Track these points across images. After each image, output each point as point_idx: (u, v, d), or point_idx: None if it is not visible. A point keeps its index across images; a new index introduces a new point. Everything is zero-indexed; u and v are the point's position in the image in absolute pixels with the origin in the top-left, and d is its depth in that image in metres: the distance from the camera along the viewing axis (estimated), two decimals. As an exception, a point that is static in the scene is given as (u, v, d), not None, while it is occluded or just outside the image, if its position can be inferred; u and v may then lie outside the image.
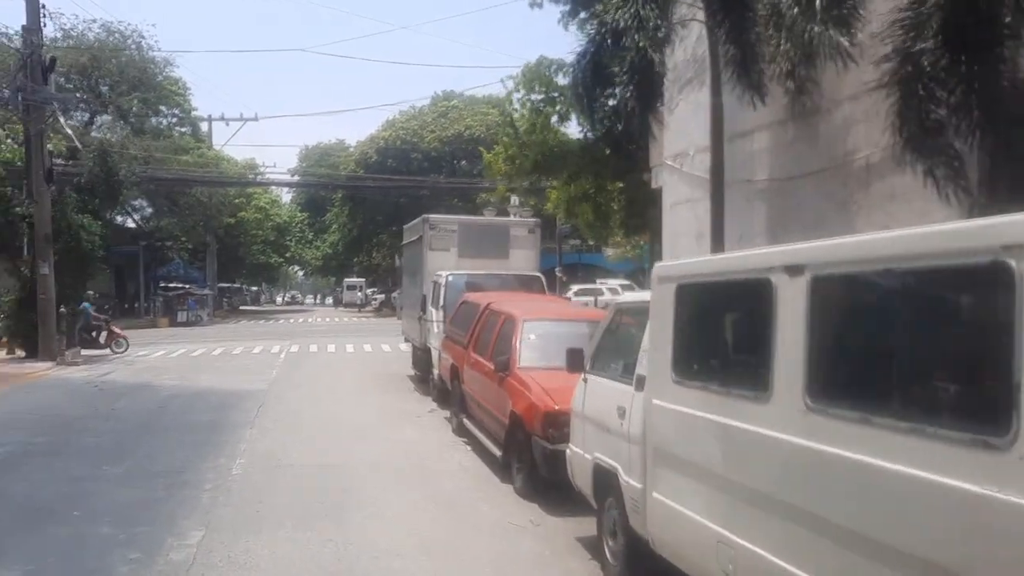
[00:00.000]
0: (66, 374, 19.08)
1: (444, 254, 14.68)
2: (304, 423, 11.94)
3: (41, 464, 9.31)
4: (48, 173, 21.20)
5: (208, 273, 53.42)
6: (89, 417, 12.56)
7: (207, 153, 49.24)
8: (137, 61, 44.89)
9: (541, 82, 22.45)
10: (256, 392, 15.18)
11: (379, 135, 55.33)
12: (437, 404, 13.46)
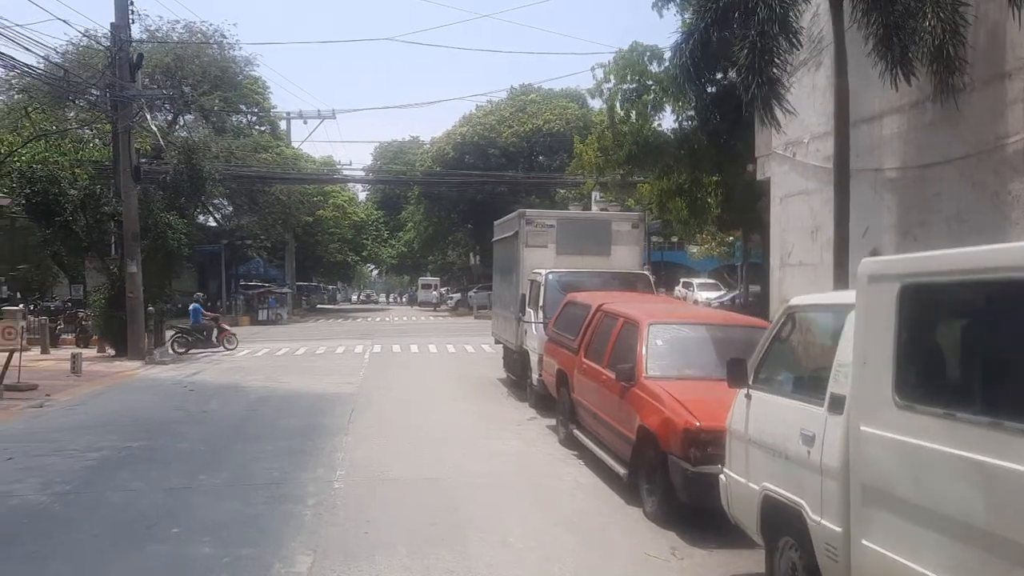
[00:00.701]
0: (155, 373, 18.99)
1: (541, 251, 13.89)
2: (400, 430, 11.31)
3: (137, 471, 8.87)
4: (135, 171, 21.23)
5: (287, 271, 53.94)
6: (182, 421, 12.20)
7: (285, 151, 49.64)
8: (218, 60, 45.47)
9: (634, 70, 21.46)
10: (346, 395, 14.69)
11: (456, 131, 54.96)
12: (536, 411, 12.70)
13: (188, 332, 23.87)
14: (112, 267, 22.06)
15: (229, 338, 24.55)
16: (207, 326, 24.33)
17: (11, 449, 9.92)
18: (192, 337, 23.74)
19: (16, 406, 13.38)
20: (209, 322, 24.55)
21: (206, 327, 24.25)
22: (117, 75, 20.73)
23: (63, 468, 8.97)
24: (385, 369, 19.39)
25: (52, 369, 18.74)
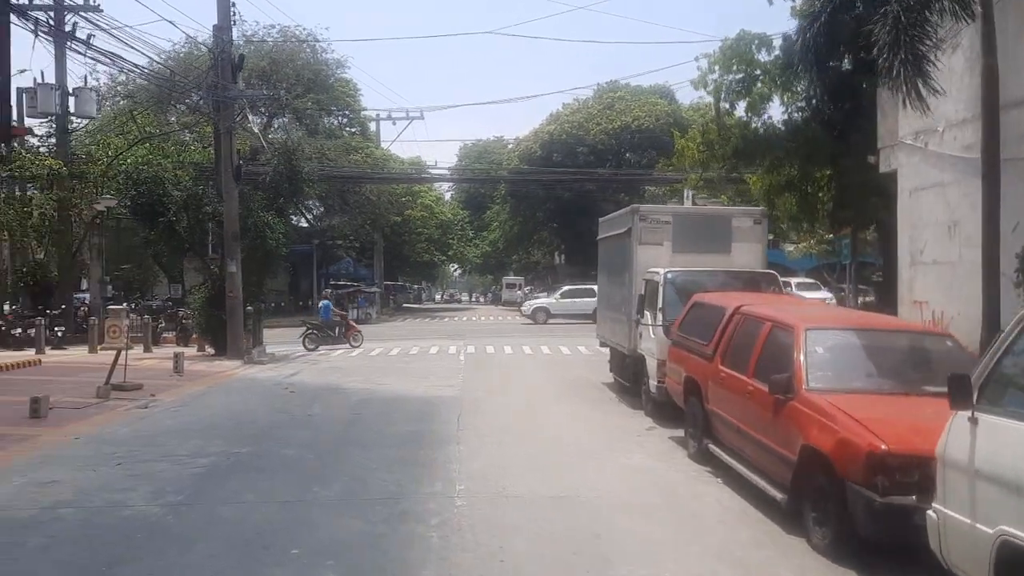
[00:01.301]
0: (253, 373, 18.91)
1: (656, 249, 13.01)
2: (512, 439, 10.64)
3: (247, 481, 8.44)
4: (236, 171, 21.26)
5: (375, 271, 54.27)
6: (286, 425, 11.84)
7: (375, 152, 49.91)
8: (312, 64, 46.03)
9: (741, 60, 20.33)
10: (449, 399, 14.15)
11: (543, 129, 54.35)
12: (654, 420, 11.86)
13: (319, 328, 24.94)
14: (212, 267, 22.20)
15: (355, 335, 25.28)
16: (336, 323, 25.43)
17: (120, 453, 9.66)
18: (322, 333, 24.69)
19: (123, 406, 13.29)
20: (338, 319, 25.58)
21: (335, 324, 25.34)
22: (219, 76, 20.79)
23: (172, 476, 8.62)
24: (483, 371, 18.83)
25: (155, 368, 18.85)
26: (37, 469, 8.89)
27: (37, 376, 16.81)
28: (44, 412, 11.88)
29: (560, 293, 42.60)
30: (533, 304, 42.41)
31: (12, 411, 12.30)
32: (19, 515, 7.17)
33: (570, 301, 39.88)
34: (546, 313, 39.53)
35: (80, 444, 10.33)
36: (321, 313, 26.05)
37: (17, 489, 8.05)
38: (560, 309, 39.46)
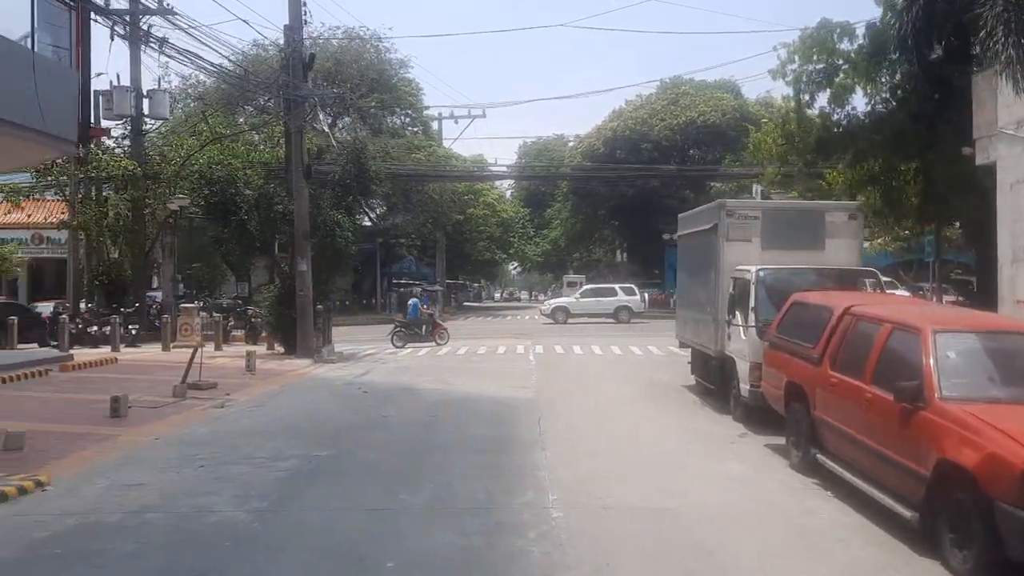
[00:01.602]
0: (324, 372, 18.84)
1: (744, 245, 12.40)
2: (599, 445, 10.21)
3: (330, 486, 8.18)
4: (307, 170, 21.27)
5: (437, 269, 54.32)
6: (363, 427, 11.60)
7: (438, 151, 49.92)
8: (375, 64, 46.26)
9: (822, 49, 19.47)
10: (526, 401, 13.79)
11: (606, 126, 53.68)
12: (745, 426, 11.28)
13: (406, 326, 25.40)
14: (283, 265, 22.25)
15: (441, 333, 25.51)
16: (424, 321, 25.71)
17: (201, 455, 9.52)
18: (410, 331, 25.07)
19: (200, 406, 13.24)
20: (426, 317, 25.87)
21: (423, 322, 25.64)
22: (290, 75, 20.81)
23: (255, 480, 8.41)
24: (555, 372, 18.41)
25: (227, 367, 18.86)
26: (121, 470, 8.79)
27: (114, 374, 16.96)
28: (123, 411, 11.87)
29: (580, 292, 42.08)
30: (553, 304, 42.10)
31: (92, 410, 12.33)
32: (107, 519, 7.02)
33: (590, 300, 39.60)
34: (566, 313, 39.14)
35: (161, 445, 10.24)
36: (409, 311, 26.44)
37: (103, 491, 7.93)
38: (580, 309, 39.09)
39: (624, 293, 39.72)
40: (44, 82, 14.03)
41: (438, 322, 26.41)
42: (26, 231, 38.29)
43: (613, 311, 38.28)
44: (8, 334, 22.15)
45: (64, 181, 27.96)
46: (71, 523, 6.91)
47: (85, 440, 10.36)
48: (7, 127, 13.30)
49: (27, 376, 15.22)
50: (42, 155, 17.69)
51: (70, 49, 15.52)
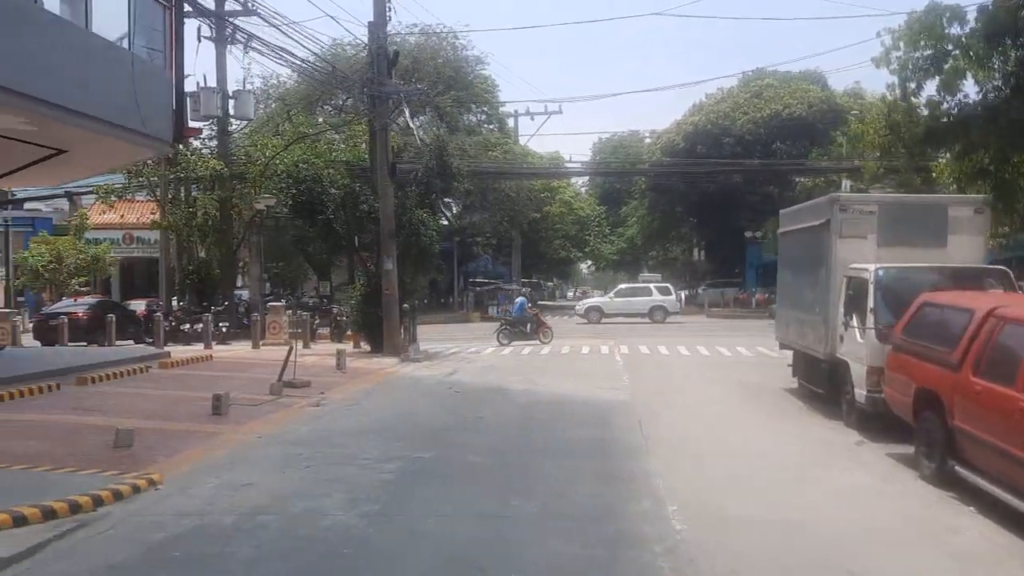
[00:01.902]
0: (411, 371, 18.81)
1: (858, 242, 11.75)
2: (708, 451, 9.78)
3: (438, 490, 7.98)
4: (391, 168, 21.30)
5: (513, 268, 54.19)
6: (459, 428, 11.42)
7: (514, 148, 49.76)
8: (452, 61, 46.40)
9: (930, 35, 18.44)
10: (621, 404, 13.42)
11: (687, 120, 52.60)
12: (860, 433, 10.66)
13: (512, 324, 25.54)
14: (369, 264, 22.34)
15: (545, 332, 25.48)
16: (528, 319, 25.74)
17: (305, 455, 9.47)
18: (515, 329, 25.23)
19: (296, 404, 13.29)
20: (530, 316, 25.95)
21: (528, 320, 25.67)
22: (375, 72, 20.86)
23: (363, 482, 8.28)
24: (645, 373, 17.95)
25: (317, 365, 18.98)
26: (229, 470, 8.77)
27: (210, 372, 17.24)
28: (225, 409, 11.96)
29: (614, 292, 41.62)
30: (586, 303, 41.70)
31: (194, 407, 12.48)
32: (222, 521, 6.95)
33: (624, 300, 39.23)
34: (599, 312, 38.83)
35: (264, 443, 10.24)
36: (515, 310, 26.73)
37: (214, 491, 7.90)
38: (614, 308, 38.71)
39: (659, 292, 39.53)
40: (142, 83, 14.33)
41: (543, 320, 26.37)
42: (118, 231, 39.70)
43: (648, 311, 38.02)
44: (107, 331, 22.90)
45: (154, 182, 28.75)
46: (187, 524, 6.87)
47: (190, 438, 10.44)
48: (109, 128, 13.63)
49: (130, 373, 15.57)
50: (139, 155, 18.15)
51: (164, 51, 15.82)
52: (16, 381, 13.41)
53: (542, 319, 26.58)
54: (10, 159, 15.41)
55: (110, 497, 7.48)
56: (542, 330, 25.63)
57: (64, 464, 8.64)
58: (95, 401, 12.65)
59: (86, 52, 13.25)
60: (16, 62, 11.53)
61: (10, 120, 12.22)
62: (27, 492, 7.43)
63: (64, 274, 36.25)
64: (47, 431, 10.37)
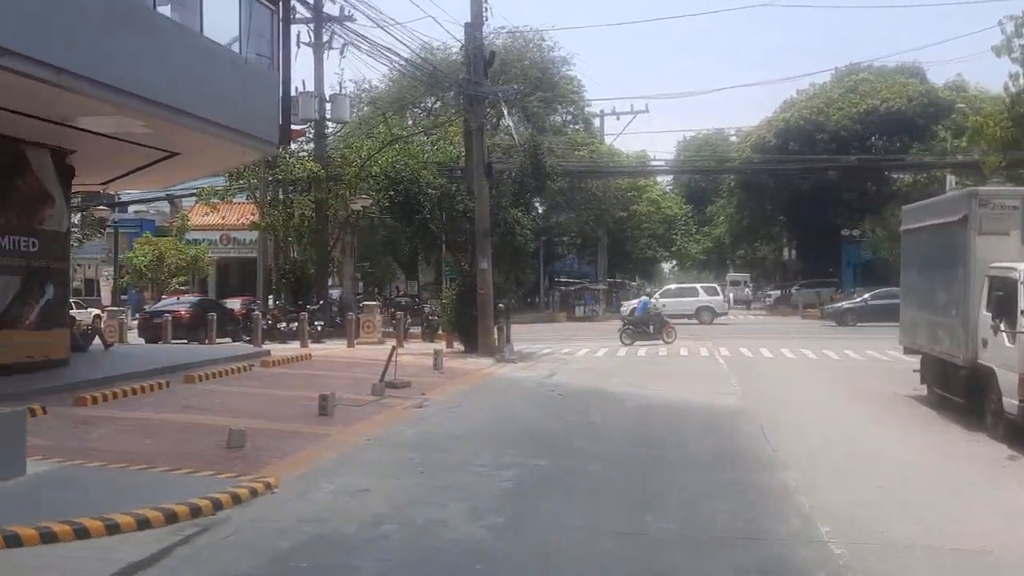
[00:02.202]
0: (508, 372, 18.52)
1: (1000, 240, 10.81)
2: (846, 464, 9.08)
3: (562, 502, 7.56)
4: (487, 168, 21.06)
5: (599, 268, 53.52)
6: (570, 433, 10.98)
7: (600, 148, 49.16)
8: (538, 63, 46.13)
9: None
10: (736, 409, 12.78)
11: (778, 117, 50.94)
12: (1009, 446, 9.77)
13: (635, 324, 25.30)
14: (464, 263, 22.16)
15: (669, 332, 25.13)
16: (652, 319, 25.44)
17: (417, 460, 9.19)
18: (637, 329, 25.01)
19: (399, 405, 13.10)
20: (654, 315, 25.67)
21: (651, 320, 25.38)
22: (471, 73, 20.67)
23: (481, 490, 7.92)
24: (754, 377, 17.17)
25: (413, 365, 18.79)
26: (342, 474, 8.55)
27: (310, 371, 17.27)
28: (331, 410, 11.83)
29: (660, 293, 40.55)
30: (631, 304, 40.69)
31: (299, 407, 12.41)
32: (344, 530, 6.69)
33: (671, 301, 37.95)
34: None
35: (373, 446, 10.03)
36: (638, 309, 26.47)
37: (331, 497, 7.67)
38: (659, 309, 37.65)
39: (706, 293, 39.03)
40: (252, 86, 14.44)
41: (667, 320, 25.93)
42: (215, 232, 40.85)
43: (694, 311, 37.37)
44: (207, 330, 23.38)
45: (254, 184, 29.30)
46: (309, 532, 6.63)
47: (299, 439, 10.31)
48: (220, 130, 13.74)
49: (234, 372, 15.70)
50: (247, 157, 18.36)
51: (271, 53, 15.90)
52: (127, 379, 13.62)
53: (666, 319, 26.09)
54: (124, 162, 15.76)
55: (229, 501, 7.33)
56: (666, 330, 25.22)
57: (180, 465, 8.56)
58: (203, 400, 12.72)
59: (200, 56, 13.39)
60: (136, 66, 11.70)
61: (129, 123, 12.41)
62: (147, 493, 7.34)
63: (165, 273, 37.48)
64: (160, 430, 10.39)
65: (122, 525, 6.52)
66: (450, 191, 21.90)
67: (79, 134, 13.70)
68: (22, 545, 6.11)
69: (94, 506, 6.93)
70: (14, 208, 13.86)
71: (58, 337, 14.74)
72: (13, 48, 9.77)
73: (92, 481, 7.83)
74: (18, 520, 6.41)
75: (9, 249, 13.60)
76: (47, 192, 14.56)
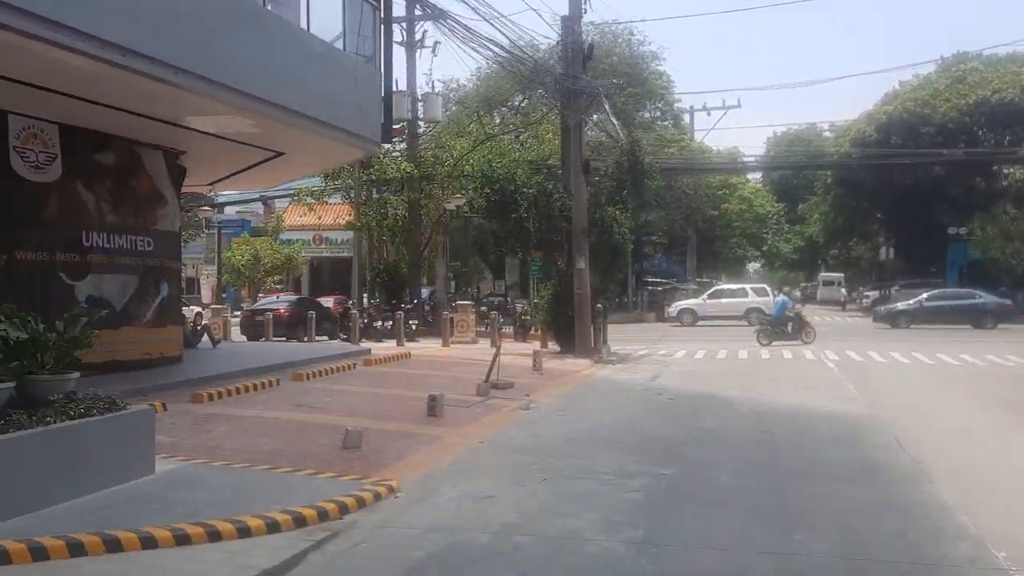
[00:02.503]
0: (609, 374, 18.12)
1: None
2: (1003, 481, 8.33)
3: (700, 516, 7.11)
4: (585, 165, 20.67)
5: (688, 268, 52.51)
6: (689, 441, 10.50)
7: (690, 144, 48.18)
8: (627, 58, 45.54)
9: None
10: (863, 418, 12.06)
11: (878, 110, 48.88)
12: None
13: (773, 324, 24.89)
14: (560, 262, 21.84)
15: (808, 332, 24.57)
16: (790, 319, 24.88)
17: (537, 465, 8.89)
18: (775, 329, 24.58)
19: (505, 406, 12.87)
20: (792, 315, 25.12)
21: (788, 320, 24.84)
22: (569, 67, 20.32)
23: (610, 501, 7.55)
24: (870, 382, 16.32)
25: (511, 365, 18.47)
26: (463, 479, 8.32)
27: (411, 370, 17.23)
28: (440, 410, 11.67)
29: (708, 294, 39.86)
30: (679, 306, 40.06)
31: (407, 407, 12.31)
32: (476, 540, 6.43)
33: (719, 302, 37.89)
34: (693, 315, 37.63)
35: (488, 450, 9.79)
36: (775, 309, 26.01)
37: (455, 503, 7.44)
38: (708, 311, 37.53)
39: (755, 294, 37.75)
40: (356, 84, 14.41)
41: (806, 321, 25.21)
42: (308, 232, 41.70)
43: (743, 313, 36.36)
44: (307, 328, 23.72)
45: (349, 184, 29.67)
46: (440, 541, 6.39)
47: (412, 440, 10.16)
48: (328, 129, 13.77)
49: (338, 370, 15.76)
50: (350, 156, 18.48)
51: (374, 51, 15.89)
52: (239, 376, 13.79)
53: (805, 319, 25.33)
54: (231, 163, 16.01)
55: (354, 504, 7.18)
56: (805, 330, 24.53)
57: (299, 465, 8.49)
58: (313, 398, 12.74)
59: (309, 55, 13.44)
60: (249, 66, 11.78)
61: (241, 123, 12.52)
62: (274, 495, 7.27)
63: (261, 272, 38.46)
64: (276, 428, 10.40)
65: (252, 528, 6.43)
66: (547, 189, 21.60)
67: (189, 135, 13.95)
68: (157, 547, 6.07)
69: (222, 507, 6.88)
70: (130, 208, 14.21)
71: (172, 334, 15.07)
72: (137, 48, 9.92)
73: (218, 481, 7.80)
74: (151, 520, 6.39)
75: (127, 248, 13.94)
76: (160, 192, 14.90)
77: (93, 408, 7.19)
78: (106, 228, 13.52)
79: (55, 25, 8.83)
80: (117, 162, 13.91)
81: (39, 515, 6.32)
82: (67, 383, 7.32)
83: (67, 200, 12.89)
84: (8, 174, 11.80)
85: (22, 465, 6.30)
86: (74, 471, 6.79)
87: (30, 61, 9.52)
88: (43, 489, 6.46)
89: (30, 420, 6.60)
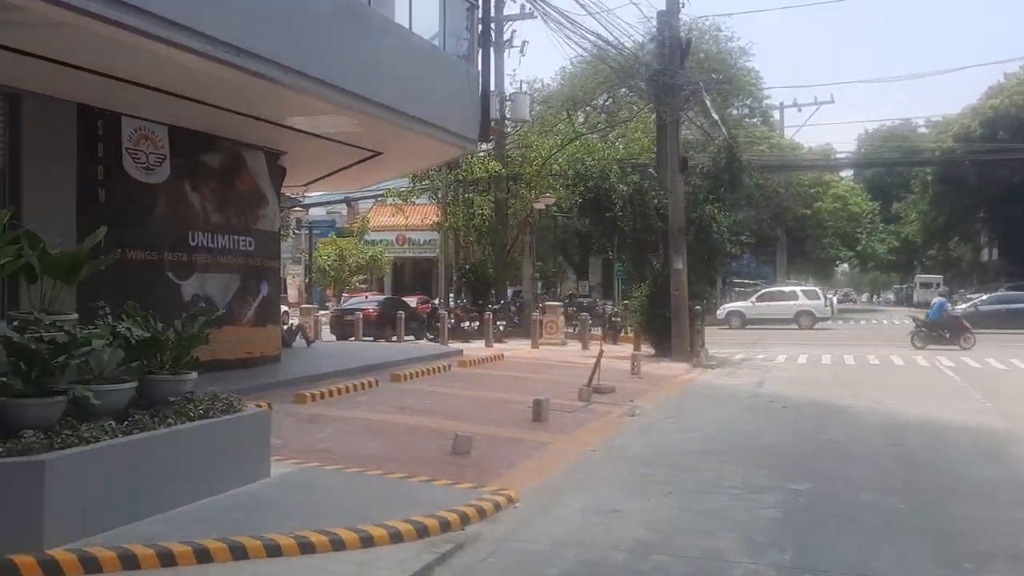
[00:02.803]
0: (711, 379, 17.46)
1: None
2: None
3: (850, 538, 6.52)
4: (682, 163, 20.03)
5: (777, 268, 50.94)
6: (817, 454, 9.83)
7: (780, 141, 46.69)
8: (715, 54, 44.42)
9: None
10: (1005, 431, 11.15)
11: (983, 105, 46.55)
12: None
13: (930, 327, 23.87)
14: (655, 263, 21.22)
15: (967, 338, 23.37)
16: (949, 323, 23.93)
17: (658, 478, 8.40)
18: (931, 332, 23.62)
19: (610, 412, 12.41)
20: (951, 319, 24.21)
21: (947, 324, 23.89)
22: (667, 62, 19.73)
23: (745, 518, 7.02)
24: (997, 390, 15.20)
25: (608, 368, 17.92)
26: (582, 489, 7.91)
27: (506, 372, 16.91)
28: (545, 415, 11.30)
29: (756, 296, 38.61)
30: (727, 308, 38.90)
31: (510, 411, 11.98)
32: (612, 559, 6.00)
33: (767, 305, 36.86)
34: (741, 318, 36.51)
35: (602, 459, 9.35)
36: (932, 311, 24.74)
37: (580, 517, 7.03)
38: (756, 313, 36.53)
39: (805, 297, 36.88)
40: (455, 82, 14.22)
41: (966, 325, 24.01)
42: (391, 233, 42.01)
43: (793, 315, 35.63)
44: (396, 327, 23.72)
45: (436, 184, 29.64)
46: (572, 558, 5.99)
47: (520, 446, 9.81)
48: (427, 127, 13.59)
49: (434, 371, 15.57)
50: (447, 155, 18.32)
51: (469, 52, 15.66)
52: (338, 376, 13.71)
53: (965, 323, 24.13)
54: (330, 163, 16.01)
55: (475, 515, 6.85)
56: (964, 335, 23.33)
57: (411, 470, 8.23)
58: (413, 400, 12.52)
59: (410, 53, 13.28)
60: (354, 64, 11.66)
61: (344, 122, 12.43)
62: (392, 503, 7.02)
63: (346, 272, 38.88)
64: (383, 431, 10.21)
65: (376, 538, 6.17)
66: (642, 187, 21.00)
67: (291, 135, 13.96)
68: (282, 555, 5.86)
69: (341, 513, 6.65)
70: (233, 208, 14.30)
71: (272, 334, 15.13)
72: (247, 48, 9.85)
73: (334, 486, 7.60)
74: (272, 525, 6.20)
75: (229, 248, 14.02)
76: (262, 192, 14.97)
77: (212, 409, 7.05)
78: (210, 228, 13.62)
79: (169, 24, 8.80)
80: (221, 162, 14.02)
81: (164, 518, 6.20)
82: (185, 383, 7.21)
83: (175, 200, 13.02)
84: (121, 175, 11.96)
85: (148, 467, 6.18)
86: (196, 473, 6.66)
87: (145, 61, 9.55)
88: (168, 492, 6.34)
89: (152, 421, 6.49)
